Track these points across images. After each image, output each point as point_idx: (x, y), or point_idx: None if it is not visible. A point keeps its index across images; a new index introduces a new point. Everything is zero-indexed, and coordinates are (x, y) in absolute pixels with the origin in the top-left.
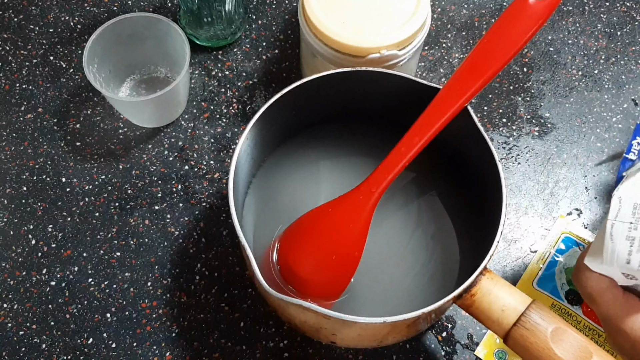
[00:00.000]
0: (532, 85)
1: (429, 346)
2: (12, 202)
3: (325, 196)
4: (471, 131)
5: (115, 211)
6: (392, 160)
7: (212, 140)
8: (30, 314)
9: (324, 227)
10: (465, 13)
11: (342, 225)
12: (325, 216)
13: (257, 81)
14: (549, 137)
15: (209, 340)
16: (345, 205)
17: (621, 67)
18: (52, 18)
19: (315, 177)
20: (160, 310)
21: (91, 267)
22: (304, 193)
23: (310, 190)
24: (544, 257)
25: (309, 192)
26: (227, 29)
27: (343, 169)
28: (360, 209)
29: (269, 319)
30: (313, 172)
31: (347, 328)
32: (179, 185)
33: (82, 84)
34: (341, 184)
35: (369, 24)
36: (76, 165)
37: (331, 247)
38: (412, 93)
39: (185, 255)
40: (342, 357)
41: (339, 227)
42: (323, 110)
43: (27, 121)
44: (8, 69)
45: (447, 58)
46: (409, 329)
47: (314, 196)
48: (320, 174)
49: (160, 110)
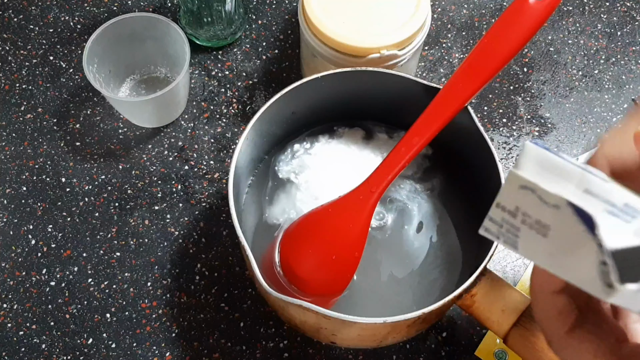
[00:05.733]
0: (532, 85)
1: (429, 346)
2: (12, 202)
3: (325, 196)
4: (471, 131)
5: (115, 211)
6: (392, 161)
7: (212, 140)
8: (30, 314)
9: (323, 227)
10: (465, 13)
11: (342, 225)
12: (325, 217)
13: (257, 81)
14: (549, 137)
15: (209, 340)
16: (345, 205)
17: (621, 67)
18: (52, 18)
19: (314, 177)
20: (160, 310)
21: (91, 267)
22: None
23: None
24: None
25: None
26: (227, 29)
27: (343, 169)
28: (359, 209)
29: (269, 319)
30: (312, 172)
31: (347, 328)
32: (179, 185)
33: (82, 84)
34: (341, 183)
35: (369, 24)
36: (76, 165)
37: (331, 247)
38: (412, 93)
39: (185, 255)
40: (342, 357)
41: (339, 227)
42: (323, 111)
43: (27, 121)
44: (8, 69)
45: (447, 58)
46: (409, 329)
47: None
48: (320, 173)
49: (160, 110)
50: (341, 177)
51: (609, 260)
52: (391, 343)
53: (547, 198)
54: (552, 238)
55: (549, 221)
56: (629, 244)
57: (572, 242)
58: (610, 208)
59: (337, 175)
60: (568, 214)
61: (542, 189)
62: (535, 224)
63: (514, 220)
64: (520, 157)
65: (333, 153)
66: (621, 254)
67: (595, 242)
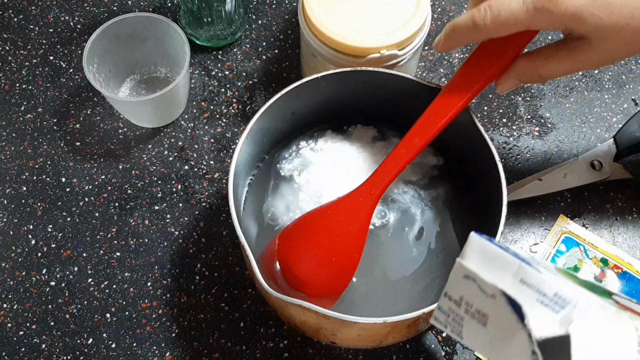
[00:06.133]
0: (532, 85)
1: (429, 346)
2: (12, 202)
3: (325, 196)
4: (471, 131)
5: (115, 211)
6: (391, 162)
7: (212, 140)
8: (30, 314)
9: (322, 228)
10: None
11: (341, 226)
12: (324, 217)
13: (257, 81)
14: (549, 137)
15: (209, 340)
16: (344, 206)
17: (621, 67)
18: (52, 18)
19: (315, 177)
20: (160, 310)
21: (91, 267)
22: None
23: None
24: (544, 257)
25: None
26: (227, 29)
27: (346, 168)
28: (359, 210)
29: (269, 319)
30: (313, 171)
31: (347, 328)
32: (179, 185)
33: (82, 84)
34: (341, 184)
35: (369, 24)
36: (76, 165)
37: (330, 248)
38: (412, 93)
39: (185, 255)
40: (342, 357)
41: (338, 228)
42: (323, 111)
43: (27, 121)
44: (8, 69)
45: (447, 58)
46: (409, 329)
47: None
48: (320, 173)
49: (160, 110)
50: (344, 176)
51: (536, 349)
52: (391, 343)
53: (485, 288)
54: (491, 327)
55: (487, 310)
56: (554, 333)
57: (507, 332)
58: (542, 298)
59: (340, 174)
60: (502, 304)
61: (481, 278)
62: (476, 313)
63: (458, 310)
64: (465, 247)
65: (336, 152)
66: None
67: (525, 332)
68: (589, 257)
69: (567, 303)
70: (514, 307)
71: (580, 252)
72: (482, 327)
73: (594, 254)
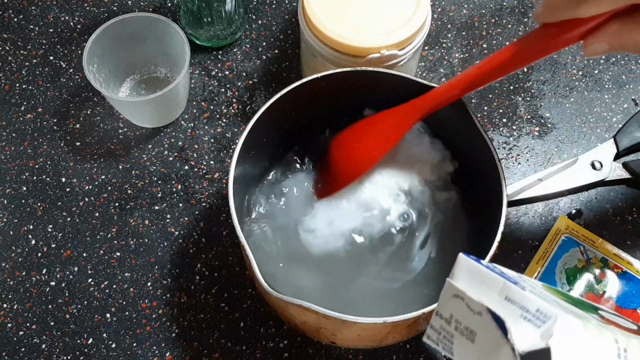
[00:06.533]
0: (532, 85)
1: (429, 346)
2: (12, 202)
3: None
4: (471, 131)
5: (115, 211)
6: (445, 90)
7: (212, 140)
8: (30, 314)
9: (366, 124)
10: (465, 13)
11: (381, 124)
12: (373, 119)
13: (257, 81)
14: (549, 137)
15: (209, 340)
16: (390, 113)
17: (621, 67)
18: (52, 18)
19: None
20: (160, 310)
21: (91, 267)
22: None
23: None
24: (544, 257)
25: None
26: (227, 29)
27: None
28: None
29: (269, 319)
30: (313, 171)
31: (347, 328)
32: (179, 185)
33: (82, 84)
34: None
35: (369, 24)
36: (76, 165)
37: (362, 139)
38: (412, 93)
39: (185, 255)
40: (342, 357)
41: (377, 125)
42: (323, 111)
43: (27, 121)
44: (8, 69)
45: (447, 58)
46: (409, 329)
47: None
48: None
49: (160, 110)
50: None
51: None
52: (391, 343)
53: (473, 305)
54: (478, 343)
55: (475, 327)
56: (535, 346)
57: (493, 347)
58: (525, 314)
59: None
60: (488, 320)
61: (468, 297)
62: (465, 330)
63: (449, 328)
64: (454, 267)
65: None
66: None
67: (509, 346)
68: (589, 257)
69: (548, 318)
70: (499, 322)
71: (580, 252)
72: (471, 344)
73: (594, 254)
